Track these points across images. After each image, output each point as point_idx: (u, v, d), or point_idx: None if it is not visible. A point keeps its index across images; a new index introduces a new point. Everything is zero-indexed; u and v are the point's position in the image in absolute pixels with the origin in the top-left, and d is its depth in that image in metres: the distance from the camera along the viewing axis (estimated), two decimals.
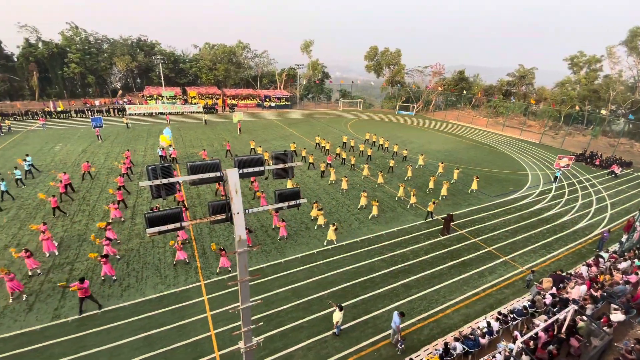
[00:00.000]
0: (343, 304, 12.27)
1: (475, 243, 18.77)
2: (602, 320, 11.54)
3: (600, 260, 16.33)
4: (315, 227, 18.95)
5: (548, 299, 13.25)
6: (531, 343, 10.66)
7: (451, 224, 19.50)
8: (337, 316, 11.44)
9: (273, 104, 62.56)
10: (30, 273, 13.94)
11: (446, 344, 10.73)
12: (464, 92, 66.90)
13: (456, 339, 11.03)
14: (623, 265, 15.73)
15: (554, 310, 12.34)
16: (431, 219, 20.87)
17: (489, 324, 11.79)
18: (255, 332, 6.18)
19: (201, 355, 10.86)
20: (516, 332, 10.95)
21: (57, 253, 15.54)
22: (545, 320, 10.97)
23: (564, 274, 15.08)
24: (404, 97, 71.98)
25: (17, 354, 10.48)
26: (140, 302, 12.95)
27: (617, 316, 12.17)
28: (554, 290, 13.84)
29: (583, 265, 16.16)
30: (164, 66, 59.56)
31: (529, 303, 13.18)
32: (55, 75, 55.40)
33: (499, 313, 12.86)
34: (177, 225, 4.58)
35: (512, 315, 12.66)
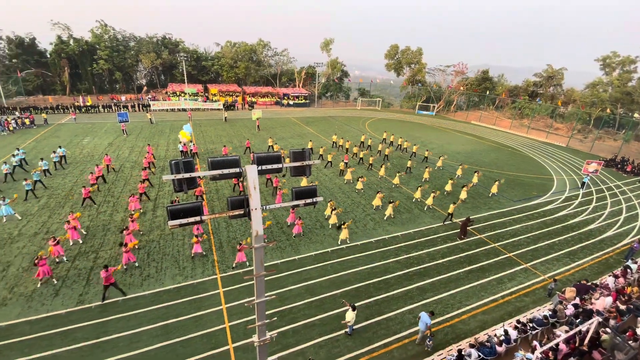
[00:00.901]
0: (356, 304, 12.24)
1: (494, 248, 18.26)
2: (627, 333, 10.99)
3: (628, 271, 15.53)
4: (330, 226, 18.96)
5: (570, 310, 12.74)
6: (551, 354, 10.28)
7: (468, 227, 19.04)
8: (350, 316, 11.42)
9: (291, 102, 62.93)
10: (57, 260, 14.67)
11: (460, 350, 10.51)
12: (488, 92, 64.98)
13: (471, 346, 10.79)
14: None
15: (577, 321, 11.85)
16: (450, 221, 20.46)
17: (506, 332, 11.46)
18: (268, 327, 6.27)
19: (216, 346, 11.13)
20: (535, 342, 10.60)
21: (81, 242, 16.29)
22: (567, 332, 10.56)
23: (589, 284, 14.44)
24: (424, 97, 70.74)
25: (44, 336, 11.07)
26: (159, 292, 13.39)
27: None
28: (577, 300, 13.28)
29: (609, 275, 15.40)
30: (187, 64, 61.03)
31: (550, 313, 12.71)
32: (85, 71, 57.86)
33: (518, 321, 12.47)
34: (197, 218, 4.70)
35: (531, 325, 12.24)
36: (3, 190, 20.89)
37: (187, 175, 4.55)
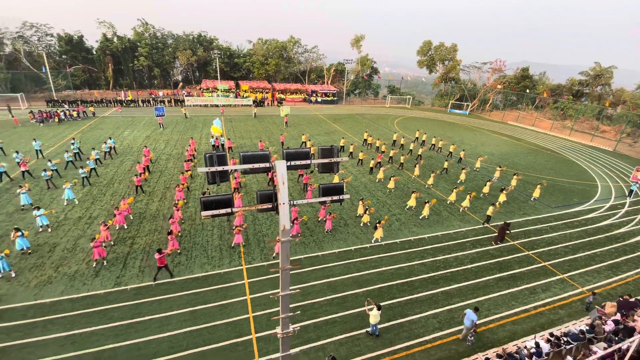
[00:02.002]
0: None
1: (528, 256, 17.35)
2: None
3: None
4: (362, 224, 18.89)
5: (609, 326, 11.86)
6: None
7: (507, 232, 18.21)
8: (374, 316, 11.32)
9: (319, 99, 63.05)
10: (104, 243, 15.74)
11: (487, 359, 10.13)
12: (527, 91, 61.33)
13: (499, 356, 10.35)
14: None
15: (616, 338, 11.01)
16: (487, 224, 19.71)
17: (537, 344, 10.87)
18: (291, 320, 6.38)
19: (240, 335, 11.49)
20: (569, 358, 9.98)
21: (125, 227, 17.38)
22: (605, 348, 9.84)
23: (633, 300, 13.34)
24: (457, 95, 68.26)
25: (84, 314, 11.96)
26: (189, 279, 14.01)
27: None
28: (618, 316, 12.33)
29: None
30: (220, 60, 62.83)
31: (587, 327, 11.89)
32: (127, 67, 61.31)
33: (551, 334, 11.78)
34: (228, 210, 4.86)
35: (565, 339, 11.53)
36: (64, 177, 22.70)
37: (220, 168, 4.72)
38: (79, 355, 10.38)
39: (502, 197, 22.56)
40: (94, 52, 60.61)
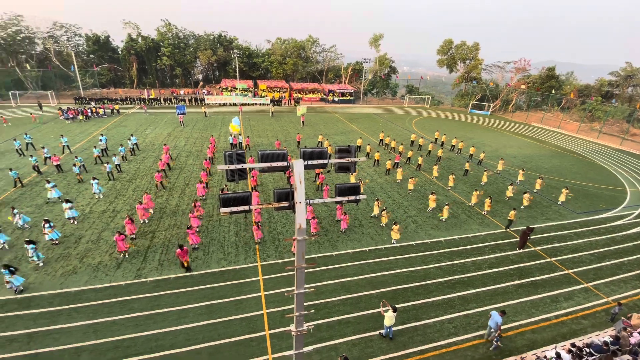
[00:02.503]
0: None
1: (550, 263, 16.72)
2: None
3: None
4: (383, 225, 18.76)
5: (635, 338, 11.28)
6: None
7: (529, 237, 17.62)
8: (390, 317, 11.21)
9: (336, 99, 62.91)
10: (129, 236, 16.30)
11: None
12: (553, 91, 59.00)
13: None
14: None
15: None
16: (508, 229, 19.18)
17: (558, 355, 10.47)
18: (305, 319, 6.40)
19: (254, 330, 11.64)
20: None
21: (147, 221, 17.97)
22: None
23: None
24: (478, 95, 66.53)
25: (106, 304, 12.44)
26: (205, 273, 14.32)
27: None
28: None
29: None
30: (239, 60, 63.73)
31: (612, 339, 11.35)
32: (150, 66, 63.18)
33: (573, 345, 11.32)
34: (246, 207, 4.94)
35: (588, 350, 11.05)
36: (92, 171, 23.69)
37: (239, 166, 4.79)
38: (100, 344, 10.81)
39: (526, 201, 21.91)
40: (120, 52, 62.78)
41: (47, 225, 15.27)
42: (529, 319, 13.04)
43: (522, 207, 22.04)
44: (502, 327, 11.95)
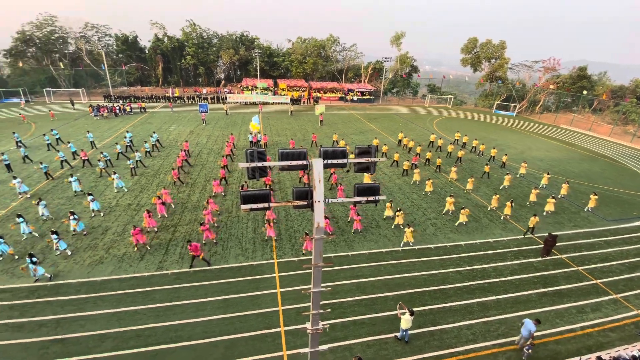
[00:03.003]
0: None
1: (577, 272, 15.97)
2: None
3: None
4: (393, 227, 18.53)
5: None
6: None
7: (551, 246, 16.87)
8: (406, 321, 11.05)
9: (355, 98, 62.55)
10: (148, 229, 16.91)
11: None
12: (584, 92, 56.17)
13: None
14: None
15: None
16: (531, 235, 18.46)
17: None
18: (320, 317, 6.42)
19: (269, 326, 11.79)
20: None
21: (166, 215, 18.54)
22: None
23: None
24: (504, 95, 64.34)
25: (129, 294, 12.95)
26: (223, 268, 14.63)
27: None
28: None
29: None
30: (260, 59, 64.58)
31: None
32: (175, 65, 65.11)
33: (599, 358, 10.75)
34: (266, 205, 5.00)
35: None
36: (115, 166, 24.74)
37: (259, 164, 4.86)
38: (123, 332, 11.26)
39: (550, 207, 20.97)
40: (147, 52, 65.01)
41: (72, 217, 16.04)
42: (552, 329, 12.52)
43: (544, 212, 21.11)
44: (515, 339, 11.55)
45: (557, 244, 17.08)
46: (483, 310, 13.17)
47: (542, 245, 17.23)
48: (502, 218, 20.31)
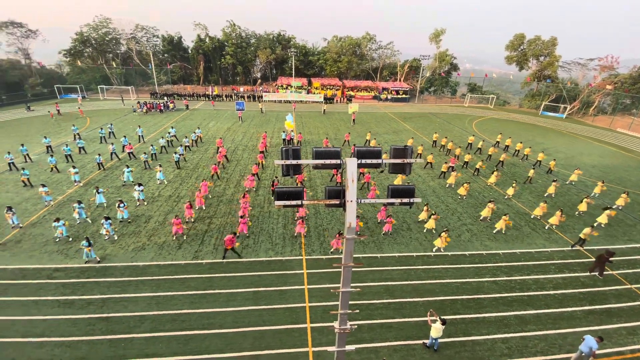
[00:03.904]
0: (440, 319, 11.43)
1: (630, 290, 14.51)
2: None
3: None
4: (425, 231, 18.00)
5: None
6: None
7: (608, 261, 15.32)
8: (437, 329, 10.69)
9: (389, 97, 61.34)
10: (186, 220, 17.84)
11: None
12: None
13: None
14: None
15: None
16: (580, 247, 17.09)
17: None
18: (348, 317, 6.39)
19: (296, 321, 11.96)
20: None
21: (204, 208, 19.44)
22: None
23: None
24: (553, 95, 59.88)
25: (167, 280, 13.74)
26: (254, 261, 15.06)
27: None
28: None
29: None
30: (296, 58, 65.41)
31: None
32: (215, 65, 67.85)
33: None
34: (299, 202, 5.06)
35: None
36: (159, 159, 26.40)
37: (294, 162, 4.93)
38: (161, 315, 11.98)
39: (604, 219, 19.20)
40: (189, 51, 68.35)
41: (120, 205, 17.31)
42: (599, 350, 11.48)
43: (595, 223, 19.34)
44: (564, 356, 10.72)
45: (611, 261, 15.60)
46: (521, 324, 12.40)
47: (594, 260, 15.80)
48: (546, 227, 18.96)
